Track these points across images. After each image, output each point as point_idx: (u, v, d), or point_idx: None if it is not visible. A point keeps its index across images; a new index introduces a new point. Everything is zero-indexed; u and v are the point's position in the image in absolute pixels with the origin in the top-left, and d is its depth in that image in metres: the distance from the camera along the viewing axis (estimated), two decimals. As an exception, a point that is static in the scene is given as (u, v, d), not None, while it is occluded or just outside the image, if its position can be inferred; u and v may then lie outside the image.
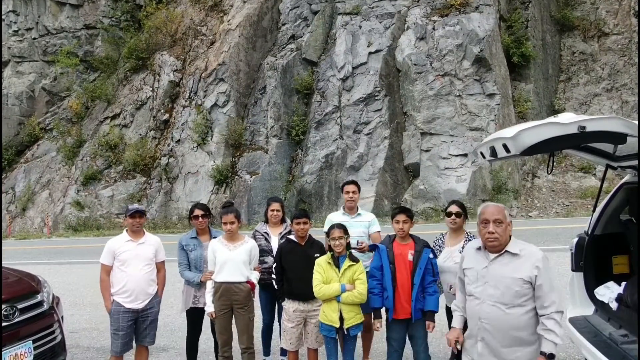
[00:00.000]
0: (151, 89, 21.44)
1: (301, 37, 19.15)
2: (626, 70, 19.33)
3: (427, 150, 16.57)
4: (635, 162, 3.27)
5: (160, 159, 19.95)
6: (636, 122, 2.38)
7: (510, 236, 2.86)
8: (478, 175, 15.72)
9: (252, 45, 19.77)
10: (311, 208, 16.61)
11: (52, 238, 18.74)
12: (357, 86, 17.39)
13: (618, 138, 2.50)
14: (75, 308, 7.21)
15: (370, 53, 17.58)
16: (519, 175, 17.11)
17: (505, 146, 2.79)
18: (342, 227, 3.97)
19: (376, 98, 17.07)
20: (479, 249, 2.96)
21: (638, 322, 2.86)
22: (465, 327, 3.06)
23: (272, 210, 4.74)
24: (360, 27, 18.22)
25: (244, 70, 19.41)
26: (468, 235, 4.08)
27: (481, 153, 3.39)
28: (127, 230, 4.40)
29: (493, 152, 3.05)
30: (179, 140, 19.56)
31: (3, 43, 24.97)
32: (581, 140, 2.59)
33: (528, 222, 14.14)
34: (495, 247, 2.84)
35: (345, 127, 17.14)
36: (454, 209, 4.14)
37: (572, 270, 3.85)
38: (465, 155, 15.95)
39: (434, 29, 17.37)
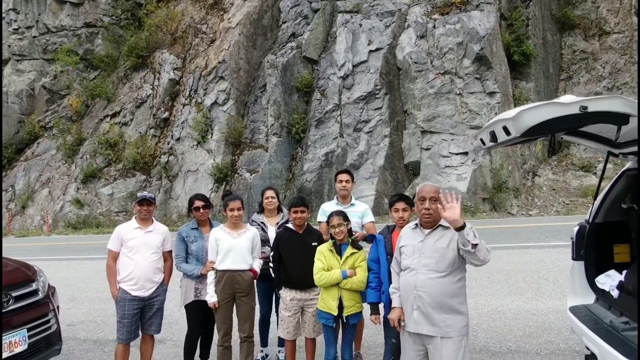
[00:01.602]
0: (151, 87, 21.43)
1: (301, 35, 19.12)
2: (627, 69, 19.28)
3: (427, 149, 16.53)
4: (636, 148, 3.23)
5: (160, 157, 19.94)
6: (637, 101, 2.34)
7: None
8: (478, 174, 15.69)
9: (252, 44, 19.75)
10: (311, 206, 16.50)
11: (52, 236, 18.72)
12: (358, 84, 17.36)
13: (620, 118, 2.46)
14: (73, 302, 7.18)
15: (370, 51, 17.54)
16: (519, 173, 17.07)
17: (505, 128, 2.74)
18: (342, 214, 3.91)
19: (376, 96, 17.04)
20: (414, 227, 3.26)
21: (638, 308, 2.81)
22: None
23: (267, 198, 4.69)
24: (361, 25, 18.19)
25: (244, 68, 19.39)
26: None
27: (481, 140, 3.35)
28: (135, 217, 4.39)
29: (493, 137, 3.01)
30: (179, 139, 19.55)
31: (3, 41, 24.97)
32: (583, 121, 2.55)
33: (528, 220, 14.10)
34: (430, 222, 3.15)
35: (345, 126, 17.11)
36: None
37: (573, 259, 3.80)
38: (466, 153, 15.91)
39: (434, 27, 17.33)
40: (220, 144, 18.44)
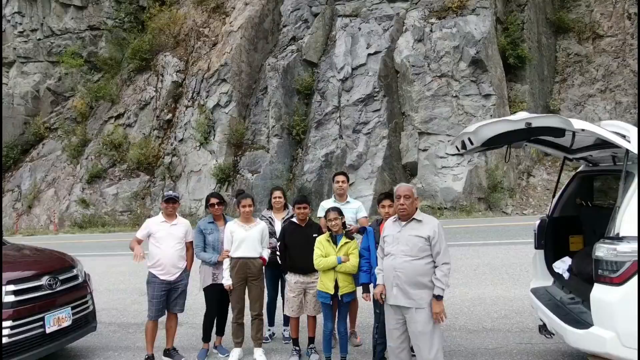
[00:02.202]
0: (154, 89, 21.89)
1: (302, 38, 19.56)
2: (620, 72, 19.67)
3: (424, 150, 16.96)
4: (586, 154, 3.86)
5: (163, 158, 20.39)
6: (571, 119, 2.94)
7: (417, 208, 3.85)
8: (474, 174, 16.15)
9: (253, 47, 20.21)
10: (311, 206, 16.99)
11: (59, 234, 19.25)
12: (357, 87, 17.77)
13: (558, 132, 3.08)
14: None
15: (369, 54, 17.95)
16: (514, 174, 17.48)
17: (470, 139, 3.36)
18: (337, 210, 4.60)
19: (375, 98, 17.47)
20: (394, 220, 3.93)
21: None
22: None
23: (275, 197, 5.37)
24: (360, 29, 18.63)
25: (245, 71, 19.83)
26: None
27: (457, 147, 3.98)
28: (162, 212, 5.11)
29: (463, 146, 3.63)
30: (181, 140, 19.99)
31: (9, 44, 25.48)
32: (529, 134, 3.17)
33: (521, 219, 14.60)
34: (405, 215, 3.81)
35: (344, 127, 17.55)
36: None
37: (535, 248, 4.44)
38: (462, 154, 16.38)
39: (431, 31, 17.79)
40: (222, 145, 18.88)
